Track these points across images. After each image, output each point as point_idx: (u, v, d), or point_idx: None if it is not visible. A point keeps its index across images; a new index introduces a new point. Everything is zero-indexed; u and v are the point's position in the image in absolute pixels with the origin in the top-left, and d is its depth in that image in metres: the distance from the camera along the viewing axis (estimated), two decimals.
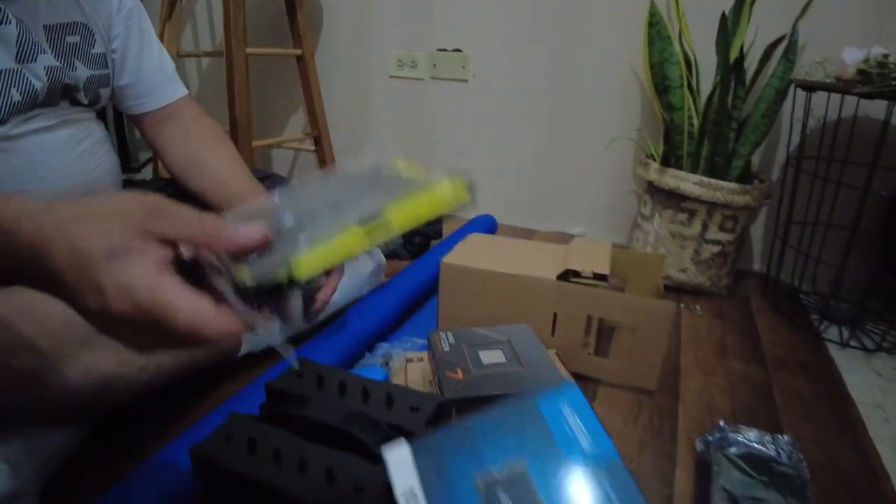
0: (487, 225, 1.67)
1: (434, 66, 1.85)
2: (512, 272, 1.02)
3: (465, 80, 1.82)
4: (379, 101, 1.94)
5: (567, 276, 1.03)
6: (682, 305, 1.37)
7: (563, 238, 1.74)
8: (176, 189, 0.92)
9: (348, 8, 1.89)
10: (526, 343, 0.89)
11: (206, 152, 0.92)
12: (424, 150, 1.93)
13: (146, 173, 2.12)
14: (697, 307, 1.37)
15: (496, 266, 1.04)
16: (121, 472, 0.68)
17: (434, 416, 0.66)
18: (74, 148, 0.79)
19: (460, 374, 0.81)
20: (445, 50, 1.81)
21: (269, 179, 1.08)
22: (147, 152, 2.26)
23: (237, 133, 1.61)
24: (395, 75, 1.90)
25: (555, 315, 1.03)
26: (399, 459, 0.45)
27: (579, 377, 1.04)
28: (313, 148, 1.94)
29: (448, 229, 1.65)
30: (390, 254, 1.42)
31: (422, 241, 1.55)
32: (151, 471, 0.63)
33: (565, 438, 0.50)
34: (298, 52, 1.77)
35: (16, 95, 0.69)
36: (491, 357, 0.85)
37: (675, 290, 1.43)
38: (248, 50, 1.59)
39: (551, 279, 1.01)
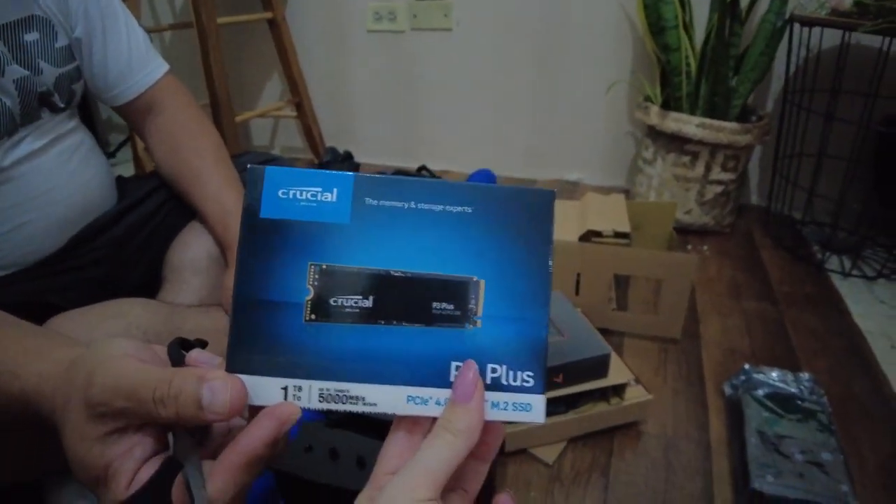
0: (485, 180, 1.66)
1: (414, 16, 1.78)
2: None
3: (449, 29, 1.76)
4: (358, 58, 1.87)
5: (589, 236, 1.05)
6: (689, 247, 1.40)
7: (562, 185, 1.75)
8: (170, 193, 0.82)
9: None
10: (563, 311, 0.91)
11: (195, 160, 0.79)
12: (411, 107, 1.89)
13: (123, 157, 2.03)
14: (705, 247, 1.40)
15: None
16: None
17: None
18: (68, 163, 0.73)
19: None
20: None
21: (243, 157, 0.91)
22: (119, 134, 2.17)
23: (219, 111, 1.55)
24: (374, 29, 1.82)
25: (578, 275, 1.04)
26: None
27: (605, 332, 1.07)
28: (294, 114, 1.87)
29: None
30: None
31: None
32: None
33: None
34: (269, 15, 1.68)
35: None
36: None
37: (681, 232, 1.46)
38: (220, 20, 1.51)
39: (574, 241, 1.01)
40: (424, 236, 0.30)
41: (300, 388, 0.30)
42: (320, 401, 0.30)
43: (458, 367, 0.30)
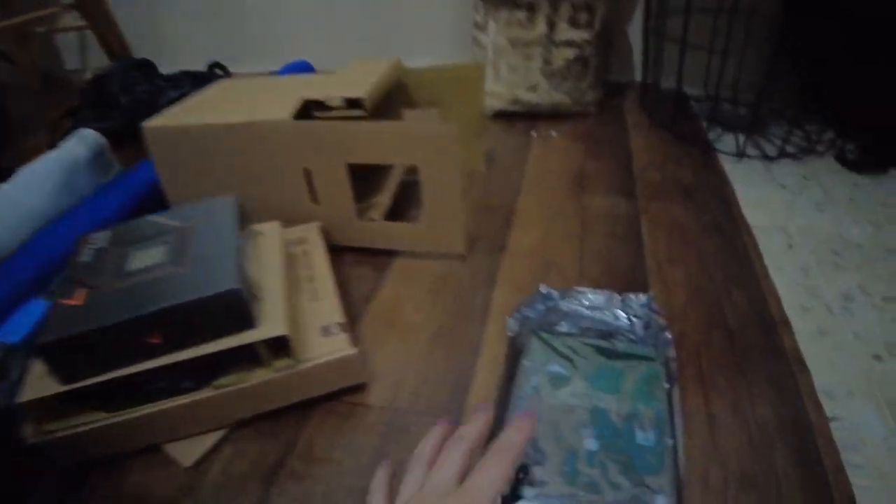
0: (301, 70, 1.24)
1: None
2: (235, 121, 0.64)
3: None
4: None
5: (309, 111, 0.66)
6: (533, 133, 1.02)
7: None
8: None
9: None
10: (214, 226, 0.53)
11: None
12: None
13: None
14: (553, 132, 1.03)
15: (218, 117, 0.65)
16: None
17: None
18: None
19: (81, 298, 0.45)
20: None
21: None
22: None
23: None
24: None
25: (307, 172, 0.66)
26: None
27: (365, 252, 0.70)
28: (82, 23, 1.40)
29: None
30: None
31: None
32: None
33: None
34: None
35: None
36: (144, 259, 0.50)
37: (527, 117, 1.08)
38: None
39: (286, 119, 0.63)
40: None
41: None
42: None
43: None
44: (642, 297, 0.57)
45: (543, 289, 0.59)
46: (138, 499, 0.45)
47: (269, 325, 0.48)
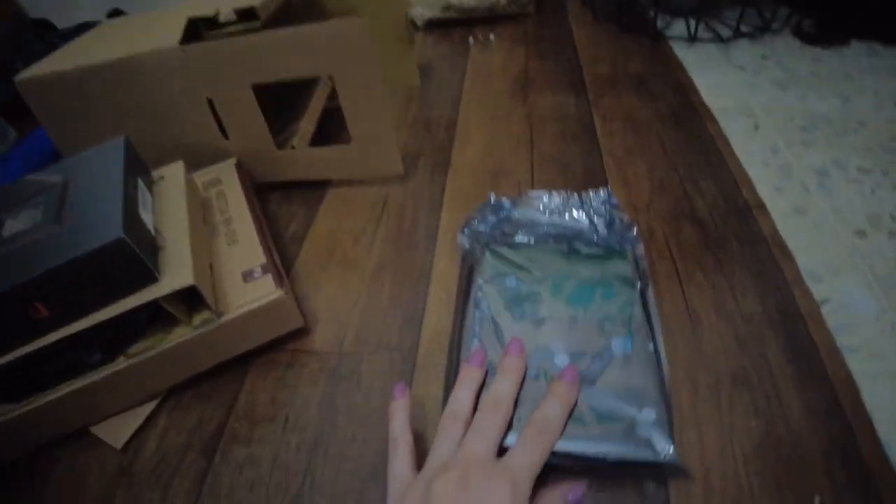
0: None
1: None
2: (115, 57, 0.53)
3: None
4: None
5: (197, 32, 0.55)
6: (471, 40, 0.93)
7: None
8: None
9: None
10: (99, 174, 0.44)
11: None
12: None
13: None
14: (491, 36, 0.93)
15: (96, 57, 0.54)
16: None
17: None
18: None
19: None
20: None
21: None
22: None
23: None
24: None
25: (210, 102, 0.56)
26: None
27: (294, 187, 0.61)
28: None
29: None
30: None
31: None
32: None
33: None
34: None
35: None
36: (17, 224, 0.40)
37: (463, 24, 0.98)
38: None
39: (172, 46, 0.52)
40: None
41: None
42: None
43: None
44: (602, 193, 0.51)
45: (493, 198, 0.52)
46: (72, 490, 0.38)
47: (175, 276, 0.40)
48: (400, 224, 0.56)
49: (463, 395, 0.34)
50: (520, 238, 0.48)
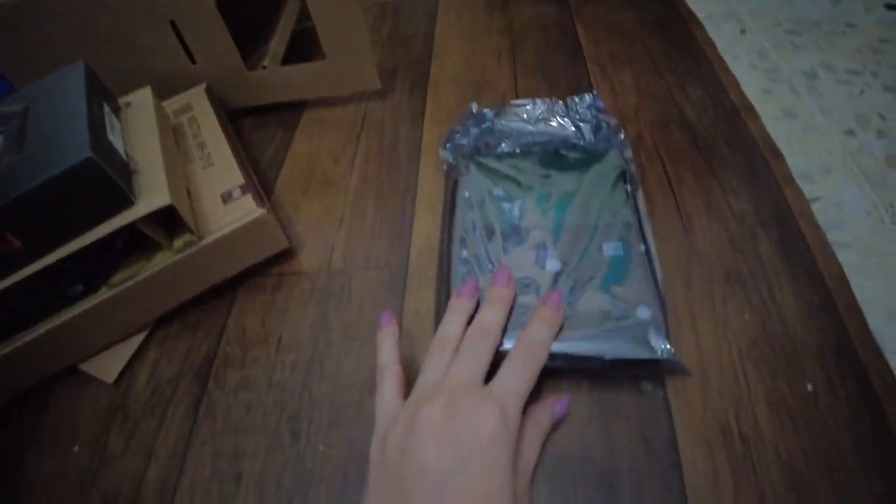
0: None
1: None
2: None
3: None
4: None
5: None
6: None
7: None
8: None
9: None
10: (61, 97, 0.40)
11: None
12: None
13: None
14: None
15: None
16: None
17: None
18: None
19: None
20: None
21: None
22: None
23: None
24: None
25: (173, 24, 0.52)
26: None
27: (268, 110, 0.58)
28: None
29: None
30: None
31: None
32: None
33: None
34: None
35: None
36: None
37: None
38: None
39: None
40: None
41: None
42: None
43: None
44: (587, 98, 0.49)
45: (475, 108, 0.50)
46: (68, 428, 0.37)
47: (151, 198, 0.37)
48: (380, 141, 0.54)
49: (452, 321, 0.33)
50: (504, 148, 0.46)
